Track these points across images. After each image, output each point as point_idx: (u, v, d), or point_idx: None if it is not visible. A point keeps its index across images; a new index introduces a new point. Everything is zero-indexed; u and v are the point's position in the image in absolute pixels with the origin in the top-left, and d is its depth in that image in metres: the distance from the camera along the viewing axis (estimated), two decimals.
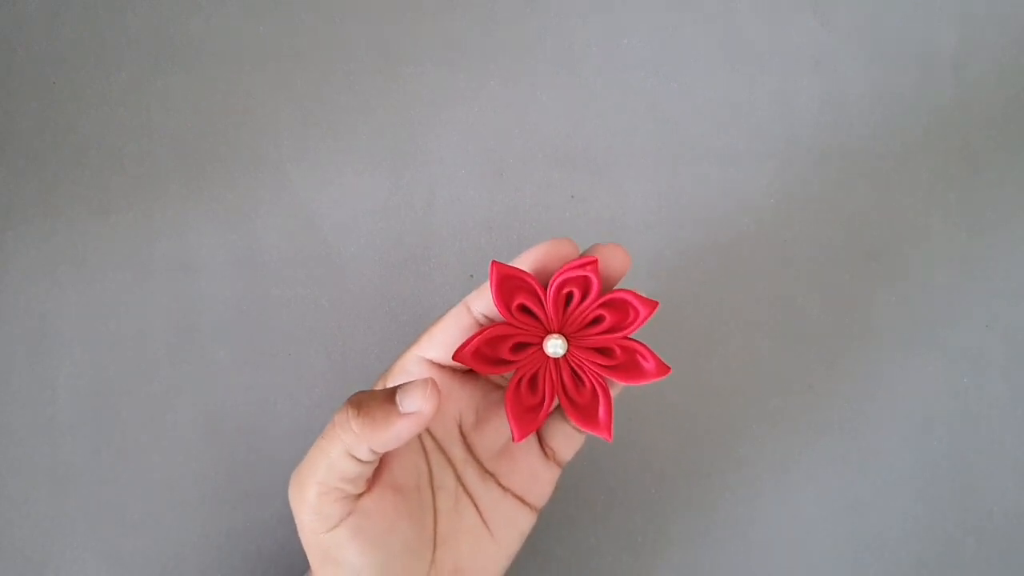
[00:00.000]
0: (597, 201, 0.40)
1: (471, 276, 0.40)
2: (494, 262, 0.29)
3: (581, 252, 0.30)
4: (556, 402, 0.32)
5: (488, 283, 0.30)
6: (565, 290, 0.30)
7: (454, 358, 0.30)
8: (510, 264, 0.30)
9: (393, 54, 0.40)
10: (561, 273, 0.29)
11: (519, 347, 0.31)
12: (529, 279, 0.30)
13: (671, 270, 0.40)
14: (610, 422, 0.31)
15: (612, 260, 0.30)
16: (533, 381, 0.31)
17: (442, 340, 0.30)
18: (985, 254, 0.41)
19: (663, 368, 0.30)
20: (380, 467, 0.30)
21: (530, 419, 0.31)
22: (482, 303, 0.30)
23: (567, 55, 0.41)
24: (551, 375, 0.31)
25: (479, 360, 0.30)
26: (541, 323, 0.30)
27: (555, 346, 0.30)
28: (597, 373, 0.31)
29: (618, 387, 0.32)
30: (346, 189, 0.40)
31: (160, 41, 0.40)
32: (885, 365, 0.40)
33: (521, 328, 0.30)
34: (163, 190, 0.39)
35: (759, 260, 0.41)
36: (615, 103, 0.41)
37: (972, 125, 0.42)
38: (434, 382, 0.27)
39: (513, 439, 0.31)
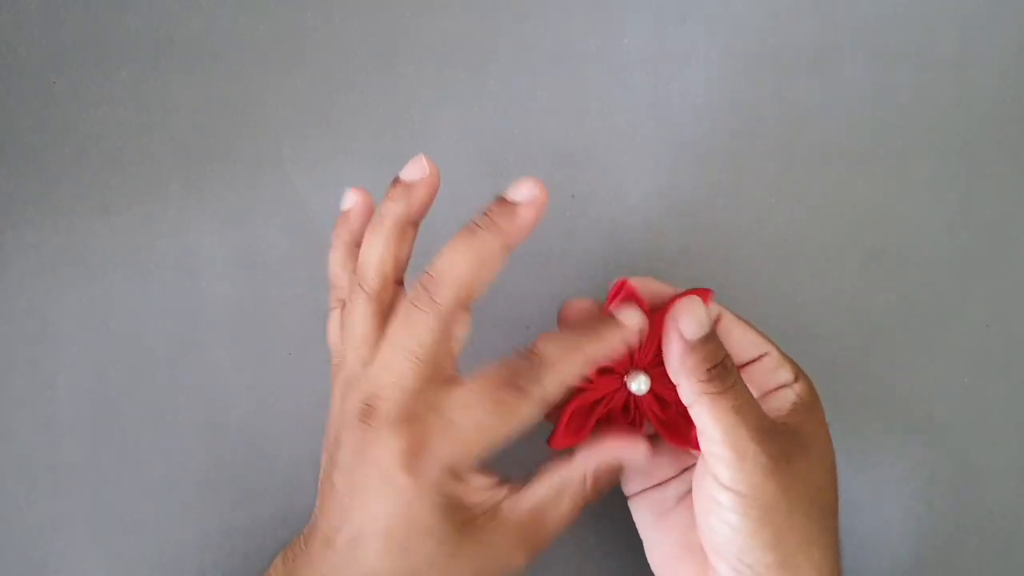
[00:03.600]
0: (597, 201, 0.40)
1: None
2: (625, 281, 0.32)
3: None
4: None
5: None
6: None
7: (552, 445, 0.32)
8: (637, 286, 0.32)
9: (393, 54, 0.40)
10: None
11: (595, 404, 0.33)
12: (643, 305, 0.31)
13: (671, 270, 0.40)
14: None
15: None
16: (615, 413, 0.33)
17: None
18: (985, 254, 0.41)
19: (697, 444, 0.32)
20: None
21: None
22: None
23: (567, 55, 0.41)
24: (640, 405, 0.33)
25: (571, 435, 0.32)
26: (620, 360, 0.32)
27: (640, 382, 0.32)
28: (650, 414, 0.33)
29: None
30: (346, 189, 0.40)
31: (160, 41, 0.40)
32: (885, 365, 0.40)
33: (599, 379, 0.32)
34: (163, 190, 0.39)
35: (759, 260, 0.41)
36: (615, 103, 0.41)
37: (972, 125, 0.42)
38: None
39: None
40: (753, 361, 0.34)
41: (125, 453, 0.38)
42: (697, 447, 0.32)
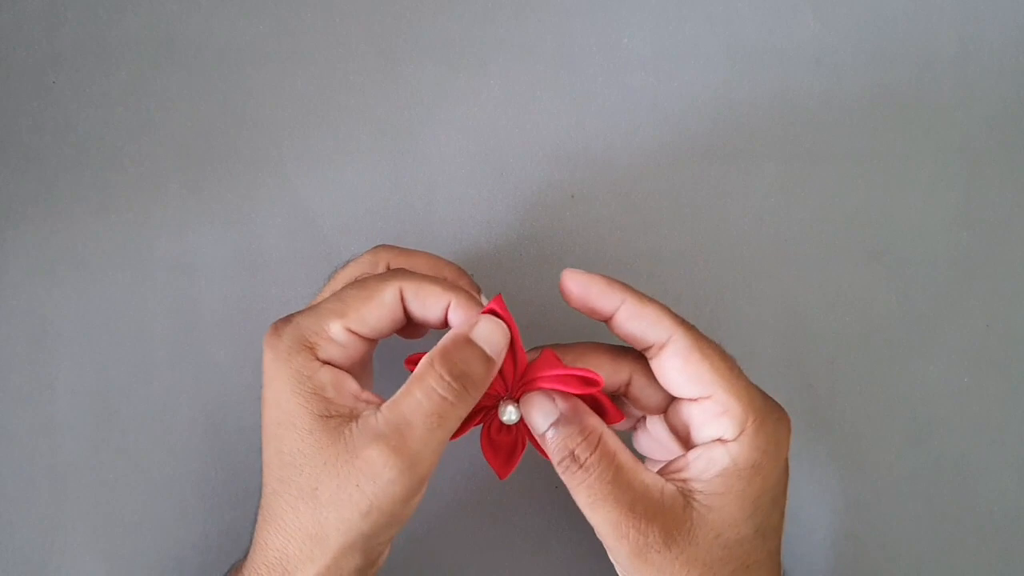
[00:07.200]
0: (597, 201, 0.40)
1: (471, 275, 0.40)
2: (499, 297, 0.31)
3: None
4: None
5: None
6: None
7: None
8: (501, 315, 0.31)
9: (393, 54, 0.40)
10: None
11: (475, 412, 0.32)
12: (511, 329, 0.31)
13: (671, 270, 0.40)
14: (513, 465, 0.33)
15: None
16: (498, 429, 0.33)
17: (372, 323, 0.31)
18: (985, 254, 0.41)
19: (616, 413, 0.32)
20: None
21: (508, 459, 0.33)
22: (418, 302, 0.31)
23: (567, 55, 0.41)
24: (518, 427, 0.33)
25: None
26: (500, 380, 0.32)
27: (510, 413, 0.32)
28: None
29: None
30: (346, 189, 0.40)
31: (160, 41, 0.40)
32: (885, 365, 0.40)
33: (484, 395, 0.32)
34: (163, 190, 0.39)
35: (759, 260, 0.41)
36: (615, 103, 0.41)
37: (972, 125, 0.42)
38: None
39: (500, 477, 0.32)
40: (695, 399, 0.31)
41: (125, 453, 0.38)
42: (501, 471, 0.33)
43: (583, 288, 0.31)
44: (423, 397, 0.29)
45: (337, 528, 0.29)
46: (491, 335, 0.31)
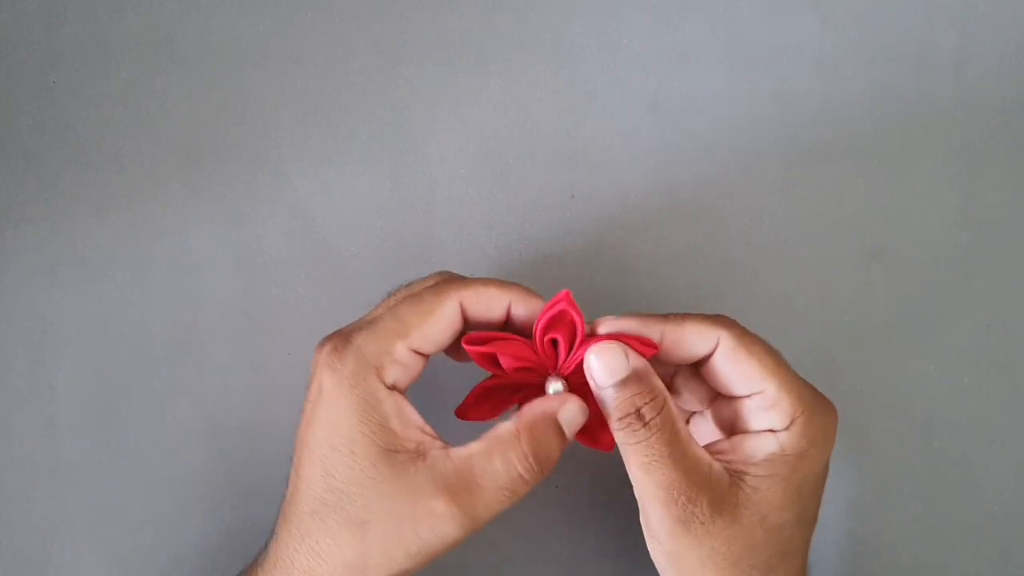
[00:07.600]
0: (597, 201, 0.40)
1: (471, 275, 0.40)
2: (569, 292, 0.31)
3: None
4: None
5: (488, 288, 0.31)
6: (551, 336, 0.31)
7: (457, 415, 0.32)
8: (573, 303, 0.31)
9: (393, 54, 0.40)
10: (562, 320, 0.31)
11: (516, 390, 0.32)
12: (578, 319, 0.31)
13: (671, 270, 0.40)
14: (613, 440, 0.32)
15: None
16: None
17: (435, 338, 0.31)
18: (985, 254, 0.41)
19: (650, 346, 0.31)
20: None
21: None
22: (479, 307, 0.31)
23: (567, 55, 0.41)
24: None
25: (481, 409, 0.32)
26: (543, 363, 0.32)
27: (556, 388, 0.32)
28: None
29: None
30: (346, 189, 0.40)
31: (160, 41, 0.40)
32: (885, 365, 0.40)
33: (518, 375, 0.32)
34: (163, 190, 0.39)
35: (759, 260, 0.41)
36: (615, 103, 0.41)
37: (972, 125, 0.42)
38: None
39: None
40: (746, 396, 0.32)
41: (125, 453, 0.38)
42: (607, 448, 0.33)
43: (619, 336, 0.31)
44: (502, 468, 0.29)
45: (380, 563, 0.29)
46: (574, 419, 0.31)
